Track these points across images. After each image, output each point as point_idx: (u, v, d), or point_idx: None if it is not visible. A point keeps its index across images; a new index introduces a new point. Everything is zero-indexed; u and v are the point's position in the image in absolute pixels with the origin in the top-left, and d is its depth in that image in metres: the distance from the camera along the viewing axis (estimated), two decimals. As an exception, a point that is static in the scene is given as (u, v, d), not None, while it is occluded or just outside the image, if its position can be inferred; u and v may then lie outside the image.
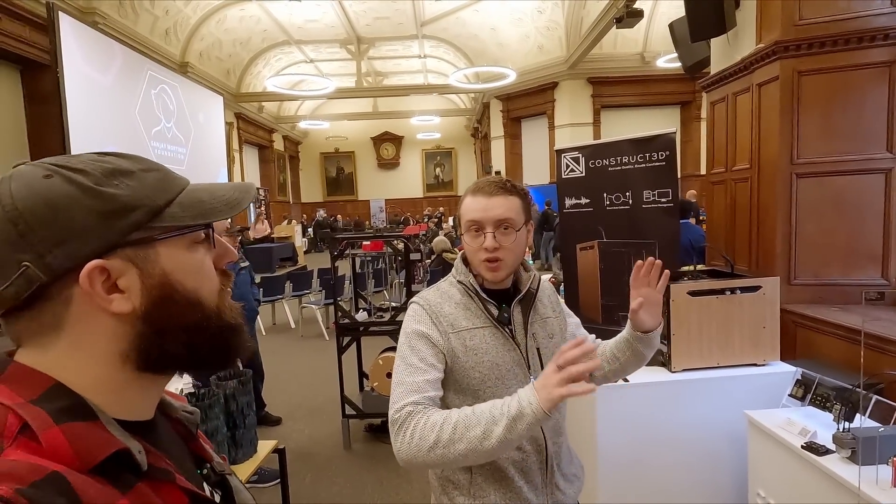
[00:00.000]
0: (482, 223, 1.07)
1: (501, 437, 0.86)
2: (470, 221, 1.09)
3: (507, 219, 1.07)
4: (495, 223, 1.06)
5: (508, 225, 1.07)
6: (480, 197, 1.08)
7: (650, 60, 10.80)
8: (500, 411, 0.88)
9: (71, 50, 7.09)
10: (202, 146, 11.16)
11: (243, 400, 1.85)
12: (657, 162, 2.70)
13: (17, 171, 0.45)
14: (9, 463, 0.37)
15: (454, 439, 0.89)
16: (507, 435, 0.86)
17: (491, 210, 1.07)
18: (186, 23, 10.71)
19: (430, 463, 0.92)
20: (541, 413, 0.84)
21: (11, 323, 0.44)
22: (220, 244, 0.53)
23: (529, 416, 0.85)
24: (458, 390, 1.08)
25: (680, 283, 2.11)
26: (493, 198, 1.07)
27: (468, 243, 1.10)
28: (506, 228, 1.07)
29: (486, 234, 1.06)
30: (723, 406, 2.05)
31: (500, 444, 0.87)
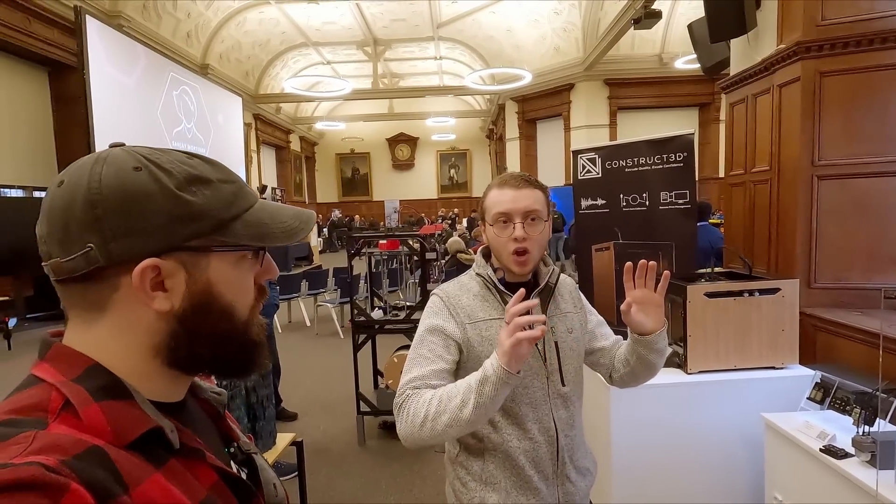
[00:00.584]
0: (511, 214, 1.09)
1: (475, 402, 0.90)
2: (499, 213, 1.11)
3: (535, 210, 1.10)
4: (524, 214, 1.09)
5: (536, 216, 1.10)
6: (508, 189, 1.11)
7: (668, 62, 10.70)
8: (473, 380, 0.92)
9: (97, 52, 7.28)
10: (221, 147, 11.35)
11: (263, 393, 1.90)
12: (675, 163, 2.69)
13: (112, 154, 0.47)
14: (53, 436, 0.39)
15: (439, 412, 0.94)
16: (478, 399, 0.90)
17: (520, 201, 1.09)
18: (207, 25, 10.92)
19: (424, 438, 0.96)
20: (501, 370, 0.87)
21: (63, 290, 0.47)
22: (267, 262, 0.54)
23: (493, 377, 0.89)
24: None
25: (696, 285, 2.10)
26: (521, 190, 1.10)
27: (497, 235, 1.11)
28: (533, 220, 1.10)
29: (515, 224, 1.09)
30: (739, 409, 2.04)
31: (477, 410, 0.90)
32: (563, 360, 1.13)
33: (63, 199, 0.45)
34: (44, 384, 0.44)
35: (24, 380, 0.45)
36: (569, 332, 1.16)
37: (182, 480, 0.45)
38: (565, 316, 1.17)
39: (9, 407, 0.42)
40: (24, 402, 0.42)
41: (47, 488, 0.34)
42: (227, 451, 0.58)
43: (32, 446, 0.37)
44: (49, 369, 0.45)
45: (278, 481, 0.63)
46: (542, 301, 1.14)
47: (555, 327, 1.14)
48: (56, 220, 0.45)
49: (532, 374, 1.10)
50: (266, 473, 0.61)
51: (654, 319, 1.08)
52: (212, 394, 0.61)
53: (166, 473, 0.44)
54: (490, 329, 1.11)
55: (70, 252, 0.44)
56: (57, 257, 0.45)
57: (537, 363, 1.11)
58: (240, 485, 0.52)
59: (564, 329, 1.16)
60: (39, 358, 0.47)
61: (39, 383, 0.44)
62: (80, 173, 0.45)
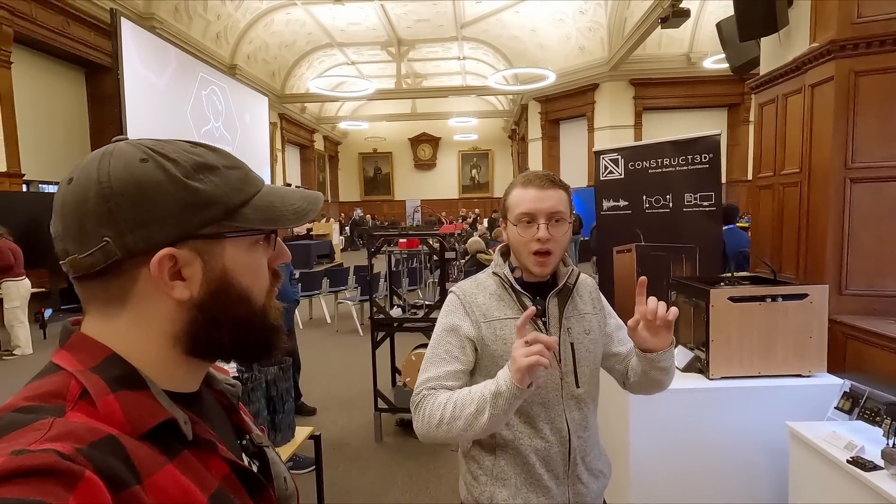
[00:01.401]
0: (535, 214, 1.08)
1: (490, 414, 0.94)
2: (522, 213, 1.09)
3: (559, 211, 1.08)
4: (548, 215, 1.08)
5: (560, 217, 1.09)
6: (532, 189, 1.09)
7: (696, 61, 10.48)
8: (487, 390, 0.95)
9: (130, 53, 7.52)
10: (247, 145, 11.59)
11: (283, 386, 1.93)
12: (700, 164, 2.64)
13: (117, 148, 0.47)
14: (71, 424, 0.40)
15: (455, 416, 0.98)
16: (493, 411, 0.93)
17: (544, 202, 1.08)
18: (236, 27, 11.16)
19: (440, 437, 1.01)
20: (514, 387, 0.90)
21: (82, 287, 0.47)
22: (279, 246, 0.55)
23: (506, 392, 0.91)
24: (487, 376, 1.10)
25: (720, 289, 2.05)
26: (545, 190, 1.09)
27: (519, 234, 1.10)
28: (557, 221, 1.08)
29: (539, 224, 1.07)
30: (763, 416, 1.98)
31: (491, 420, 0.94)
32: (578, 362, 1.12)
33: (75, 195, 0.45)
34: (63, 372, 0.44)
35: (44, 367, 0.46)
36: (586, 333, 1.15)
37: (194, 472, 0.46)
38: (583, 317, 1.16)
39: (29, 393, 0.43)
40: (44, 388, 0.43)
41: (62, 476, 0.35)
42: (239, 444, 0.58)
43: (49, 433, 0.38)
44: (68, 358, 0.46)
45: (289, 475, 0.63)
46: (560, 301, 1.13)
47: (571, 328, 1.13)
48: (70, 216, 0.45)
49: (546, 373, 1.09)
50: (277, 467, 0.61)
51: (662, 339, 1.04)
52: (226, 386, 0.61)
53: (179, 465, 0.45)
54: (505, 328, 1.10)
55: (87, 247, 0.44)
56: (74, 254, 0.45)
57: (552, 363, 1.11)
58: (251, 477, 0.53)
59: (581, 330, 1.14)
60: (60, 345, 0.48)
61: (59, 371, 0.45)
62: (89, 169, 0.45)
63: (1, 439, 0.37)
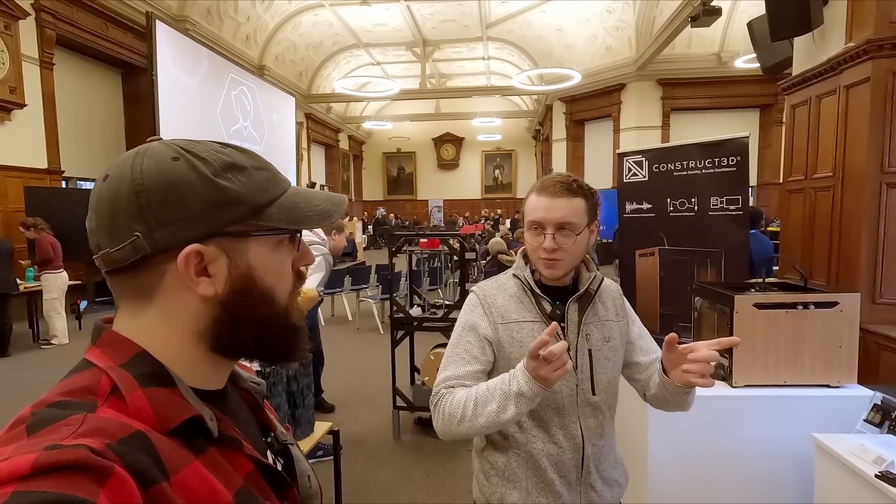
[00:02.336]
0: (543, 224, 1.08)
1: (516, 410, 0.96)
2: (532, 221, 1.10)
3: (567, 222, 1.07)
4: (556, 225, 1.07)
5: (569, 228, 1.07)
6: (544, 197, 1.09)
7: (727, 61, 10.22)
8: (508, 388, 0.96)
9: (164, 55, 7.76)
10: (274, 145, 11.82)
11: (304, 381, 1.97)
12: (727, 167, 2.58)
13: (151, 147, 0.49)
14: (101, 420, 0.41)
15: (476, 414, 1.00)
16: (518, 409, 0.96)
17: (553, 212, 1.07)
18: (265, 28, 11.39)
19: (461, 434, 1.02)
20: (537, 387, 0.93)
21: (113, 280, 0.49)
22: (303, 247, 0.56)
23: (528, 393, 0.93)
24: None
25: (745, 295, 2.01)
26: (556, 199, 1.07)
27: (529, 241, 1.12)
28: (565, 231, 1.07)
29: (546, 234, 1.07)
30: (788, 427, 1.93)
31: (515, 416, 0.97)
32: (595, 369, 1.11)
33: (109, 191, 0.47)
34: (95, 368, 0.46)
35: (78, 363, 0.48)
36: (605, 340, 1.13)
37: (220, 469, 0.47)
38: (604, 324, 1.14)
39: (62, 389, 0.44)
40: (77, 384, 0.44)
41: (93, 471, 0.36)
42: (264, 441, 0.59)
43: (81, 429, 0.39)
44: (100, 354, 0.47)
45: (313, 473, 0.64)
46: (581, 307, 1.12)
47: (590, 335, 1.12)
48: (104, 212, 0.47)
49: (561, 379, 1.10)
50: (301, 465, 0.62)
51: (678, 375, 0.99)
52: (251, 383, 0.62)
53: (205, 461, 0.46)
54: (521, 331, 1.10)
55: (118, 242, 0.46)
56: (106, 248, 0.46)
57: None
58: (275, 475, 0.53)
59: (601, 337, 1.13)
60: (92, 343, 0.49)
61: (91, 367, 0.46)
62: (124, 166, 0.47)
63: (35, 434, 0.38)
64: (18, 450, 0.36)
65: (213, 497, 0.44)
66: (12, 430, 0.39)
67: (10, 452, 0.35)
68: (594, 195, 1.14)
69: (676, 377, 1.00)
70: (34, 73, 6.81)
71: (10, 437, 0.38)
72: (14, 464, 0.34)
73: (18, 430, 0.39)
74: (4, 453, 0.36)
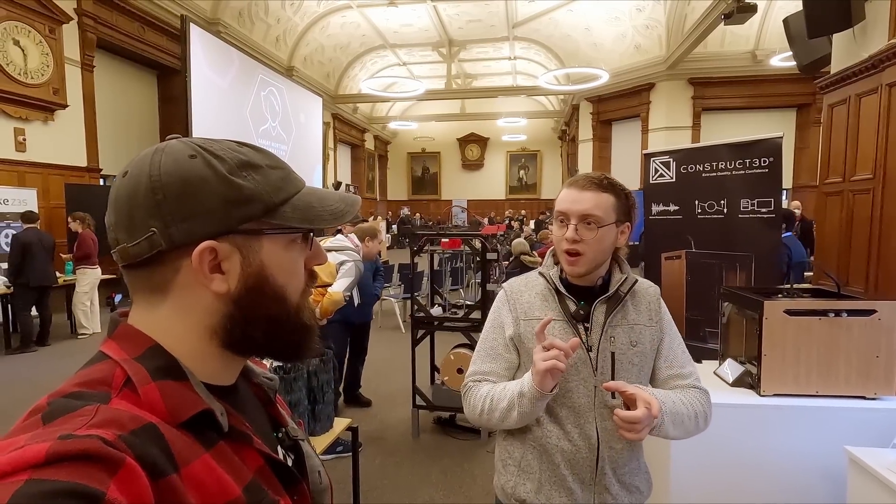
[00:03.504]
0: (568, 214, 1.09)
1: (518, 411, 1.03)
2: (558, 212, 1.12)
3: (591, 214, 1.07)
4: (580, 216, 1.07)
5: (592, 220, 1.07)
6: (573, 189, 1.11)
7: (763, 59, 9.89)
8: (516, 389, 1.04)
9: (198, 56, 7.98)
10: (301, 144, 12.02)
11: (324, 378, 2.00)
12: (758, 169, 2.49)
13: (169, 145, 0.50)
14: (114, 411, 0.41)
15: (492, 409, 1.09)
16: (520, 409, 1.03)
17: (578, 203, 1.08)
18: (294, 30, 11.60)
19: (482, 424, 1.14)
20: (534, 390, 0.98)
21: (129, 275, 0.50)
22: (316, 247, 0.56)
23: (528, 393, 1.00)
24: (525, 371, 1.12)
25: (775, 300, 1.94)
26: (583, 192, 1.09)
27: (554, 233, 1.14)
28: (588, 223, 1.07)
29: (569, 225, 1.08)
30: (819, 439, 1.86)
31: (521, 416, 1.04)
32: (617, 372, 1.09)
33: (128, 187, 0.48)
34: (109, 360, 0.47)
35: (94, 355, 0.49)
36: (632, 345, 1.11)
37: (229, 463, 0.47)
38: (632, 328, 1.12)
39: (78, 380, 0.45)
40: (92, 376, 0.45)
41: (104, 461, 0.36)
42: (275, 436, 0.59)
43: (94, 420, 0.40)
44: (115, 347, 0.48)
45: (323, 469, 0.64)
46: (608, 308, 1.11)
47: (616, 337, 1.10)
48: (122, 207, 0.48)
49: (578, 379, 1.09)
50: (312, 461, 0.62)
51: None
52: (264, 379, 0.62)
53: (215, 455, 0.46)
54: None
55: (135, 237, 0.47)
56: (123, 243, 0.47)
57: (586, 370, 1.09)
58: (285, 470, 0.54)
59: (626, 341, 1.11)
60: (108, 335, 0.50)
61: (106, 359, 0.47)
62: (142, 163, 0.48)
63: (51, 423, 0.39)
64: (33, 438, 0.37)
65: (222, 490, 0.45)
66: (29, 419, 0.40)
67: (26, 441, 0.36)
68: (627, 195, 1.13)
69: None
70: (76, 75, 7.10)
71: (27, 426, 0.40)
72: (29, 452, 0.35)
73: (35, 418, 0.40)
74: (20, 441, 0.37)
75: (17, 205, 6.16)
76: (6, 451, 0.36)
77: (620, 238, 1.12)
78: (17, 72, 6.22)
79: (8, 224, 6.06)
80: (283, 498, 0.52)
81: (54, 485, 0.33)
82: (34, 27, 6.39)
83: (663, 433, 1.05)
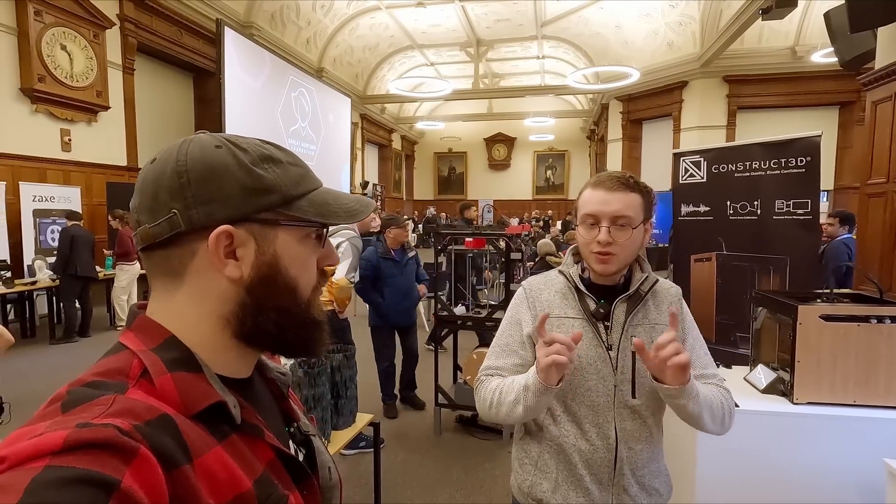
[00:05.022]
0: (598, 217, 1.07)
1: (524, 405, 1.01)
2: (586, 214, 1.09)
3: (623, 215, 1.05)
4: (611, 218, 1.06)
5: (625, 222, 1.06)
6: (601, 191, 1.08)
7: (803, 55, 9.52)
8: (521, 382, 1.03)
9: (231, 59, 8.20)
10: (330, 144, 12.20)
11: (347, 373, 2.03)
12: (795, 168, 2.41)
13: (197, 136, 0.52)
14: (130, 401, 0.42)
15: (500, 402, 1.08)
16: (525, 403, 1.01)
17: (609, 204, 1.06)
18: (324, 32, 11.79)
19: (492, 418, 1.12)
20: (538, 383, 0.96)
21: (148, 259, 0.51)
22: (328, 246, 0.57)
23: (532, 387, 0.98)
24: None
25: (810, 305, 1.86)
26: (613, 192, 1.06)
27: (582, 235, 1.11)
28: (621, 225, 1.06)
29: (601, 227, 1.06)
30: (856, 450, 1.78)
31: (525, 411, 1.02)
32: (638, 372, 1.08)
33: (154, 172, 0.50)
34: (127, 351, 0.48)
35: (113, 345, 0.50)
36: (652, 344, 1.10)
37: (241, 456, 0.48)
38: (653, 327, 1.11)
39: (98, 369, 0.46)
40: (110, 366, 0.47)
41: (120, 450, 0.37)
42: (287, 431, 0.60)
43: (111, 409, 0.41)
44: (133, 338, 0.49)
45: (334, 466, 0.65)
46: (629, 308, 1.10)
47: (636, 336, 1.09)
48: (147, 190, 0.50)
49: (598, 377, 1.08)
50: (323, 457, 0.63)
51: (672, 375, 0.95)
52: (277, 374, 0.63)
53: (227, 447, 0.47)
54: (562, 327, 1.10)
55: (156, 218, 0.48)
56: (145, 224, 0.49)
57: (606, 369, 1.08)
58: (295, 465, 0.54)
59: (647, 340, 1.08)
60: (126, 327, 0.52)
61: (124, 350, 0.49)
62: (170, 151, 0.51)
63: (69, 412, 0.40)
64: (52, 426, 0.38)
65: (234, 483, 0.45)
66: (49, 407, 0.42)
67: (45, 428, 0.38)
68: (650, 193, 1.12)
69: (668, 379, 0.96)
70: (117, 78, 7.41)
71: (47, 414, 0.41)
72: (47, 439, 0.36)
73: (54, 406, 0.42)
74: (39, 429, 0.38)
75: (62, 202, 6.48)
76: (26, 438, 0.37)
77: (646, 236, 1.12)
78: (64, 75, 6.53)
79: (54, 220, 6.37)
80: (292, 492, 0.52)
81: (71, 471, 0.35)
82: (80, 32, 6.70)
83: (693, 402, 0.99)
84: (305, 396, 1.82)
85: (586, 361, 1.08)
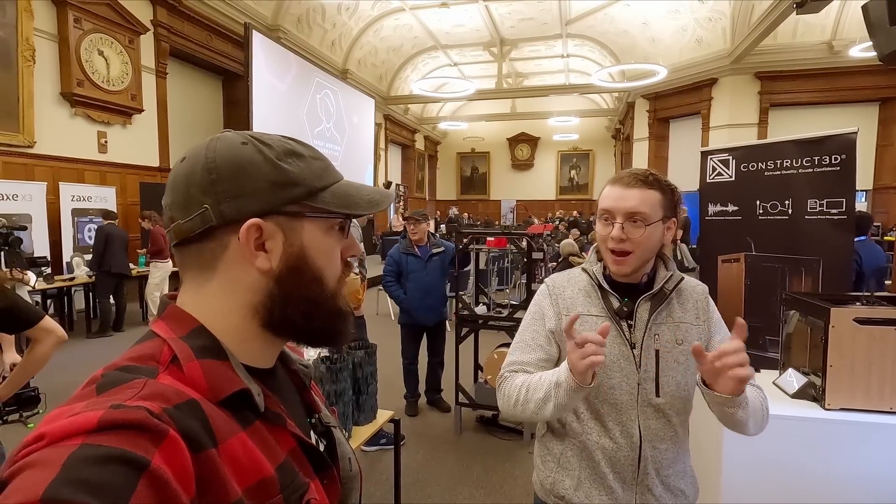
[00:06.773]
0: (613, 213, 1.07)
1: (554, 402, 0.99)
2: (602, 210, 1.10)
3: (638, 212, 1.05)
4: (626, 214, 1.05)
5: (639, 218, 1.05)
6: (618, 187, 1.08)
7: (840, 50, 9.16)
8: (552, 378, 1.00)
9: (259, 62, 8.38)
10: (354, 145, 12.35)
11: (368, 370, 2.05)
12: (829, 167, 2.32)
13: (224, 134, 0.55)
14: (161, 386, 0.44)
15: (527, 399, 1.05)
16: (556, 400, 0.99)
17: (624, 201, 1.06)
18: (349, 34, 11.93)
19: (517, 416, 1.09)
20: (571, 380, 0.94)
21: (181, 253, 0.53)
22: (351, 238, 0.59)
23: (564, 384, 0.96)
24: None
25: (844, 308, 1.80)
26: (629, 189, 1.06)
27: (598, 231, 1.12)
28: (636, 221, 1.05)
29: (614, 223, 1.06)
30: (893, 460, 1.71)
31: (556, 408, 1.00)
32: (662, 370, 1.07)
33: (185, 169, 0.52)
34: (158, 339, 0.50)
35: (145, 333, 0.53)
36: (677, 343, 1.08)
37: (264, 442, 0.49)
38: (678, 326, 1.10)
39: (131, 355, 0.49)
40: (143, 352, 0.49)
41: (150, 431, 0.39)
42: (308, 421, 0.62)
43: (143, 392, 0.43)
44: (164, 326, 0.51)
45: (354, 457, 0.66)
46: (653, 306, 1.09)
47: (660, 335, 1.08)
48: (179, 187, 0.52)
49: (621, 375, 1.07)
50: (343, 448, 0.64)
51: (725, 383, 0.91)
52: (300, 366, 0.65)
53: (251, 434, 0.48)
54: (584, 325, 1.10)
55: (189, 214, 0.51)
56: (178, 220, 0.51)
57: (629, 367, 1.07)
58: (316, 454, 0.56)
59: (671, 339, 1.08)
60: (158, 315, 0.54)
61: (155, 337, 0.51)
62: (199, 150, 0.53)
63: (105, 393, 0.43)
64: (88, 406, 0.40)
65: (257, 468, 0.47)
66: (86, 388, 0.44)
67: (82, 408, 0.40)
68: (673, 191, 1.10)
69: (720, 387, 0.91)
70: (150, 82, 7.66)
71: (83, 395, 0.43)
72: (83, 419, 0.38)
73: (90, 388, 0.44)
74: (76, 409, 0.40)
75: (98, 202, 6.75)
76: (64, 417, 0.39)
77: (667, 234, 1.10)
78: (101, 79, 6.79)
79: (91, 219, 6.63)
80: (313, 480, 0.54)
81: (105, 450, 0.36)
82: (116, 38, 6.95)
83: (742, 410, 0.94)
84: (327, 392, 1.85)
85: (610, 359, 1.07)
